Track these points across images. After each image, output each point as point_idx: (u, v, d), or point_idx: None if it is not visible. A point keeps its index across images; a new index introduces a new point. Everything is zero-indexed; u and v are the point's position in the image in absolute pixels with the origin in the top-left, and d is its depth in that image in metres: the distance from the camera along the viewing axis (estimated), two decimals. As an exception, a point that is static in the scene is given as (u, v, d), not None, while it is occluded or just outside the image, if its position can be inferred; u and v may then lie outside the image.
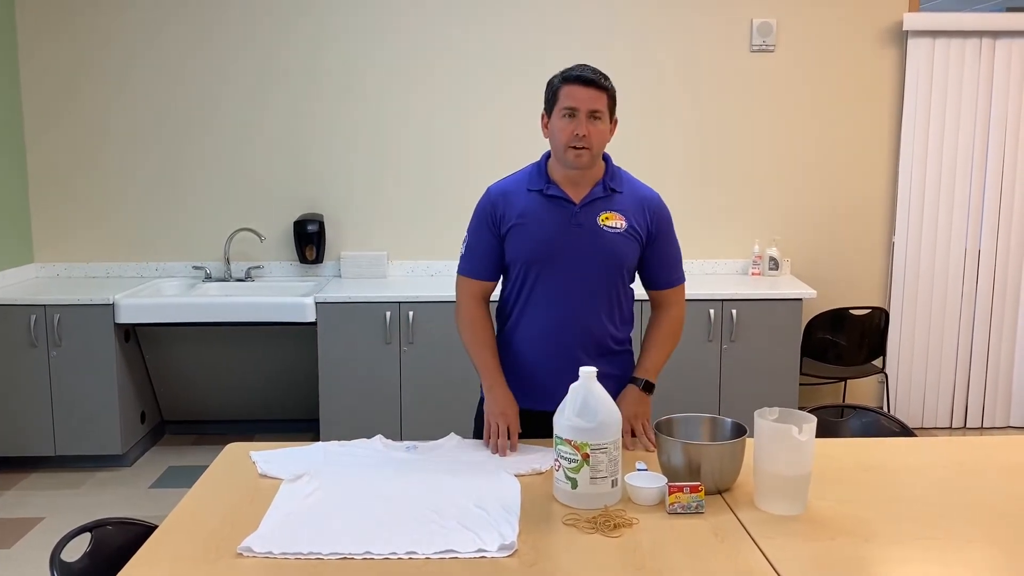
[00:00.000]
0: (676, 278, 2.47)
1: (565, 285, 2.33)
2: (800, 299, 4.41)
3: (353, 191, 4.84)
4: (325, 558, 1.72)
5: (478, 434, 2.43)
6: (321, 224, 4.76)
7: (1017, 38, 4.72)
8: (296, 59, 4.73)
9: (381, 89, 4.76)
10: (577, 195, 2.33)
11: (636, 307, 2.51)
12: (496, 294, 2.49)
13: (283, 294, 4.44)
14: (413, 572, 1.67)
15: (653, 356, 2.44)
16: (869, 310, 4.66)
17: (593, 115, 2.22)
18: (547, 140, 2.34)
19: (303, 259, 4.79)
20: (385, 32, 4.72)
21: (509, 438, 2.29)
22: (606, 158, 2.38)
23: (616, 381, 2.37)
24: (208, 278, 4.80)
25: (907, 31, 4.72)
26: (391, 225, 4.86)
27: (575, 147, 2.23)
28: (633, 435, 2.36)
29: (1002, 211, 4.84)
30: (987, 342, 4.94)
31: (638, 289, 2.47)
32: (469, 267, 2.42)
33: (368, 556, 1.73)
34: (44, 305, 4.24)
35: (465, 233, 2.43)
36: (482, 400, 2.44)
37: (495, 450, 2.28)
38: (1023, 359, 4.95)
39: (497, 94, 4.76)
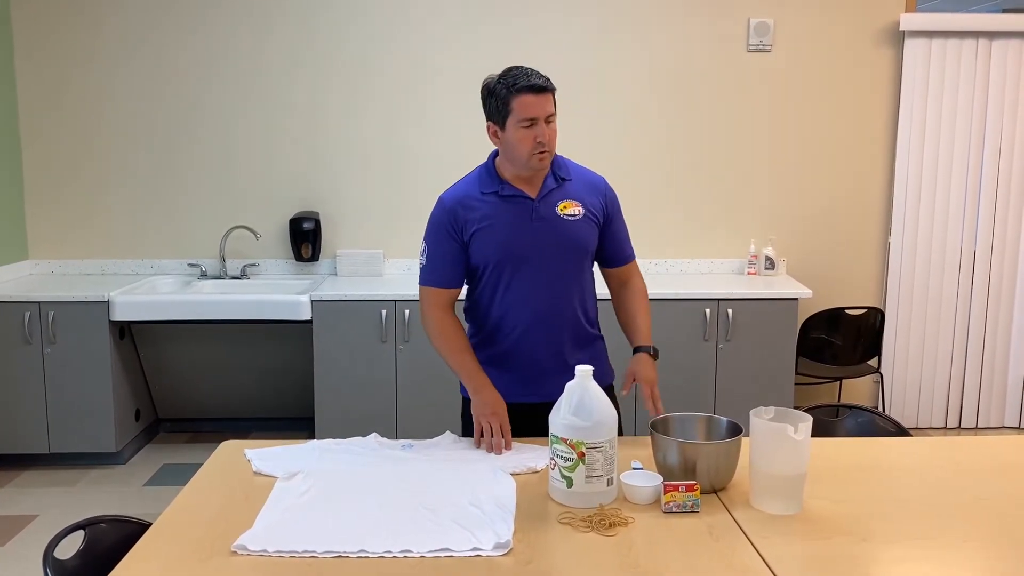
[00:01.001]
0: (631, 253, 2.57)
1: (538, 278, 2.38)
2: (796, 299, 4.41)
3: (349, 189, 4.83)
4: (320, 556, 1.72)
5: (467, 434, 2.44)
6: (317, 222, 4.75)
7: (1013, 39, 4.72)
8: (292, 57, 4.72)
9: (378, 86, 4.75)
10: (532, 190, 2.38)
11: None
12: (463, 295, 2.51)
13: (279, 292, 4.43)
14: (408, 570, 1.67)
15: (641, 324, 2.52)
16: (865, 310, 4.66)
17: (548, 118, 2.29)
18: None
19: (299, 257, 4.78)
20: (382, 31, 4.71)
21: (503, 436, 2.30)
22: None
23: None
24: (203, 276, 4.79)
25: (904, 31, 4.72)
26: (387, 223, 4.85)
27: (539, 152, 2.29)
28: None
29: (997, 211, 4.85)
30: (982, 342, 4.95)
31: (600, 289, 2.52)
32: (434, 277, 2.42)
33: (363, 554, 1.72)
34: (39, 302, 4.22)
35: (423, 244, 2.43)
36: (465, 401, 2.45)
37: (490, 449, 2.28)
38: (1018, 359, 4.96)
39: (494, 92, 4.75)
